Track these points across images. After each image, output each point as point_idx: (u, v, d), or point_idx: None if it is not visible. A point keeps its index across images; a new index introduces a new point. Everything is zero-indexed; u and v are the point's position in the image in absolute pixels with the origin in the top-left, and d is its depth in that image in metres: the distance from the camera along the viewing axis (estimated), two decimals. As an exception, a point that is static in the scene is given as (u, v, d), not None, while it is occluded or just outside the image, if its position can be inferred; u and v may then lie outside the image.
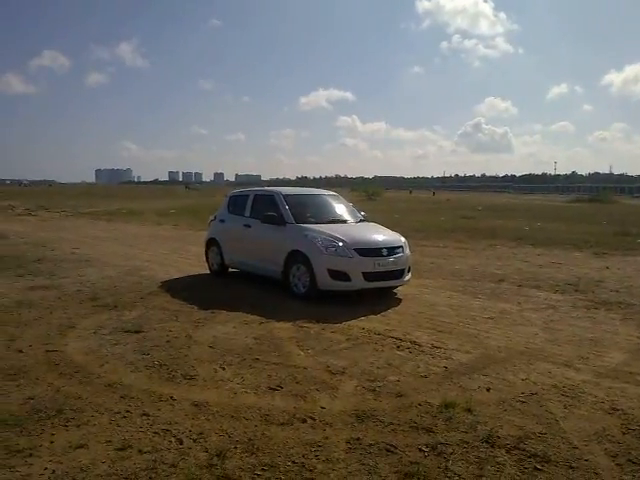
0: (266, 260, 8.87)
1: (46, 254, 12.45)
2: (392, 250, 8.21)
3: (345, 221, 9.33)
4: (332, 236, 8.06)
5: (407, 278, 8.55)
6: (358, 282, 7.84)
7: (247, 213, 9.66)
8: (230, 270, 10.18)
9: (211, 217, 10.91)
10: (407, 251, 8.57)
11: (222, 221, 10.35)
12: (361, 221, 9.54)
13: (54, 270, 10.25)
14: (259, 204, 9.57)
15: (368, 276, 7.87)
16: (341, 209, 9.80)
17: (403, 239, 8.76)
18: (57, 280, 9.29)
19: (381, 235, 8.64)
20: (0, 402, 4.17)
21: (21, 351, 5.42)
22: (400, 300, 8.15)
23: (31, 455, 3.37)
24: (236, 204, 10.27)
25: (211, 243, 10.40)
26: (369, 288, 8.04)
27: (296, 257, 8.18)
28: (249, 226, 9.41)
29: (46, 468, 3.21)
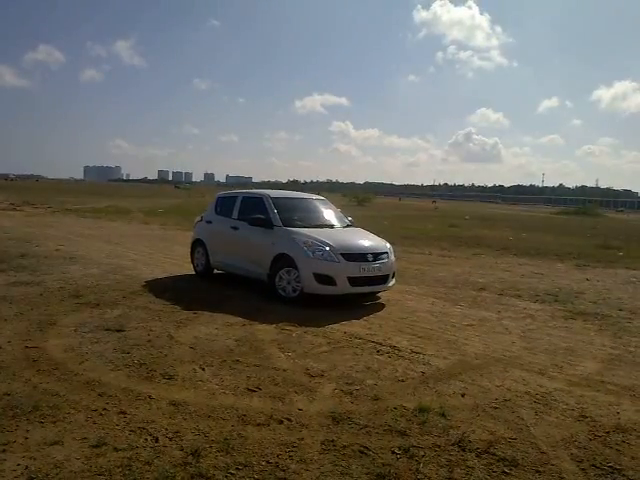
0: (252, 262, 8.90)
1: (30, 250, 12.35)
2: (377, 256, 8.31)
3: (332, 226, 9.40)
4: (319, 240, 8.12)
5: (391, 284, 8.65)
6: (343, 287, 7.92)
7: (235, 215, 9.67)
8: (215, 272, 10.19)
9: (198, 218, 10.92)
10: (392, 257, 8.65)
11: (209, 222, 10.35)
12: (348, 226, 9.62)
13: (37, 266, 10.19)
14: (247, 206, 9.59)
15: (353, 281, 7.97)
16: (329, 214, 9.87)
17: (388, 245, 8.85)
18: (40, 276, 9.24)
19: (367, 241, 8.73)
20: None
21: (0, 347, 5.41)
22: (383, 305, 8.23)
23: (4, 451, 3.37)
24: (224, 205, 10.28)
25: (197, 244, 10.40)
26: (354, 293, 8.15)
27: (283, 260, 8.23)
28: (236, 228, 9.44)
29: (19, 464, 3.22)
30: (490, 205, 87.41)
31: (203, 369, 5.02)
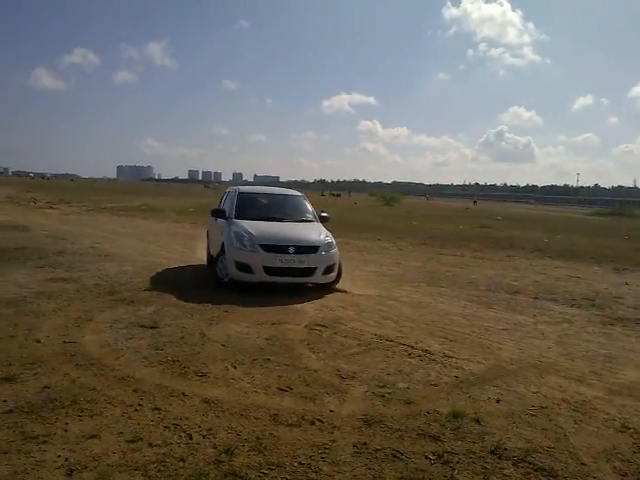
0: (216, 252, 9.41)
1: (66, 247, 12.60)
2: (302, 249, 8.59)
3: (283, 219, 9.77)
4: (246, 231, 8.73)
5: (325, 279, 8.84)
6: (259, 275, 8.41)
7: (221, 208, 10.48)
8: None
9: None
10: (329, 252, 8.82)
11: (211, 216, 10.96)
12: (308, 221, 9.97)
13: (74, 263, 10.39)
14: (227, 200, 10.57)
15: (269, 270, 8.39)
16: (292, 208, 10.41)
17: (328, 240, 9.00)
18: (76, 273, 9.41)
19: (302, 234, 9.00)
20: (18, 390, 4.27)
21: (39, 341, 5.52)
22: (414, 307, 8.15)
23: (45, 442, 3.46)
24: (221, 201, 11.18)
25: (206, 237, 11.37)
26: (273, 282, 8.53)
27: (222, 249, 8.96)
28: (216, 220, 10.25)
29: (59, 455, 3.29)
30: (523, 205, 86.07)
31: (235, 367, 5.05)
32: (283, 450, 3.53)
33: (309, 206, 10.57)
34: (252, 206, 10.04)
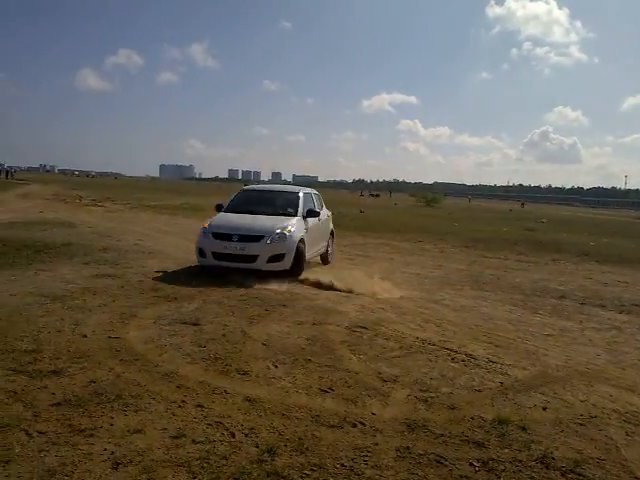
0: None
1: (111, 244, 12.87)
2: (245, 237, 9.40)
3: (269, 213, 10.46)
4: (213, 221, 10.05)
5: (270, 267, 9.38)
6: (210, 260, 9.49)
7: None
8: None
9: None
10: (278, 242, 9.41)
11: None
12: (285, 215, 10.38)
13: (118, 260, 10.60)
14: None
15: (216, 256, 9.41)
16: (280, 204, 10.97)
17: (278, 231, 9.51)
18: (121, 269, 9.59)
19: (253, 225, 9.78)
20: (66, 383, 4.36)
21: (85, 336, 5.64)
22: (456, 311, 8.02)
23: (92, 435, 3.52)
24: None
25: None
26: (218, 266, 9.47)
27: None
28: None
29: (105, 449, 3.34)
30: (568, 208, 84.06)
31: (276, 366, 5.05)
32: (325, 451, 3.50)
33: (301, 202, 10.86)
34: (245, 201, 11.27)
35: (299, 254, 9.69)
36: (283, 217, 10.22)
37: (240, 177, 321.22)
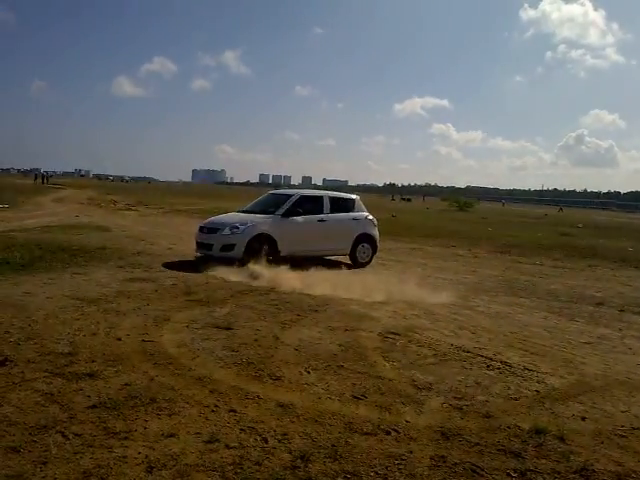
0: None
1: (145, 248, 13.05)
2: (209, 230, 11.46)
3: (264, 212, 12.07)
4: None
5: (222, 254, 10.85)
6: (196, 248, 11.73)
7: None
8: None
9: None
10: (229, 234, 10.99)
11: None
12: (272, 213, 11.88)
13: (152, 263, 10.70)
14: None
15: (197, 244, 11.66)
16: (275, 204, 12.26)
17: (235, 225, 11.12)
18: (154, 273, 9.70)
19: (224, 220, 11.70)
20: (101, 386, 4.41)
21: (119, 339, 5.69)
22: (491, 318, 7.89)
23: (126, 438, 3.54)
24: None
25: None
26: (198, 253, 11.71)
27: None
28: None
29: (140, 452, 3.37)
30: (604, 213, 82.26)
31: (309, 372, 5.03)
32: (359, 459, 3.46)
33: (287, 203, 11.97)
34: (258, 203, 13.05)
35: (252, 247, 10.86)
36: (263, 215, 11.82)
37: (270, 181, 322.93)
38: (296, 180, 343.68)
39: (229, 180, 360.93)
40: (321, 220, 12.12)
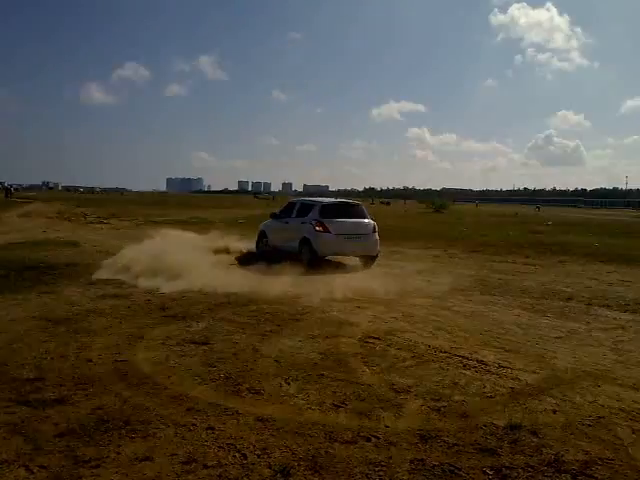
0: None
1: (118, 263, 12.72)
2: None
3: None
4: None
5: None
6: None
7: None
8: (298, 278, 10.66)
9: None
10: None
11: None
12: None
13: (124, 279, 10.34)
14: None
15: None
16: None
17: None
18: (127, 289, 9.48)
19: None
20: (70, 412, 4.25)
21: (90, 360, 5.54)
22: (467, 317, 7.98)
23: (98, 466, 3.42)
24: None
25: None
26: None
27: None
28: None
29: (112, 480, 3.26)
30: (572, 210, 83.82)
31: (288, 383, 5.00)
32: (339, 468, 3.46)
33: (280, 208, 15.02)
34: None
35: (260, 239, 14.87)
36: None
37: (250, 188, 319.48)
38: (276, 187, 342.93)
39: (206, 188, 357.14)
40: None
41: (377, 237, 13.10)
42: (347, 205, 14.37)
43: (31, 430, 3.93)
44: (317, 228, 12.52)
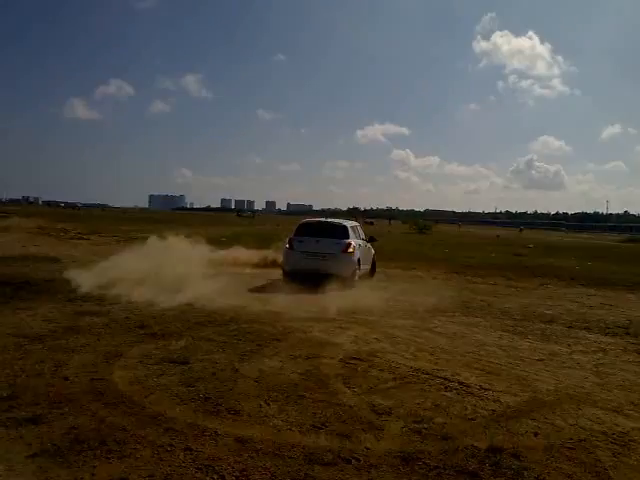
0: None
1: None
2: None
3: None
4: None
5: None
6: None
7: None
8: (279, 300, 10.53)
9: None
10: None
11: None
12: None
13: (104, 296, 10.23)
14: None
15: None
16: None
17: None
18: (106, 306, 9.33)
19: None
20: (43, 431, 4.15)
21: (67, 378, 5.43)
22: (449, 338, 7.96)
23: (71, 489, 3.32)
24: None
25: None
26: None
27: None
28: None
29: (86, 502, 3.17)
30: (554, 233, 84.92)
31: (268, 404, 4.93)
32: (319, 492, 3.40)
33: None
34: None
35: None
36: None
37: (233, 206, 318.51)
38: (259, 205, 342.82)
39: (189, 205, 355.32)
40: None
41: (352, 258, 13.06)
42: (326, 224, 14.47)
43: (3, 450, 3.82)
44: (286, 245, 13.49)
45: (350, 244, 13.11)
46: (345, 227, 13.93)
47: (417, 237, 47.09)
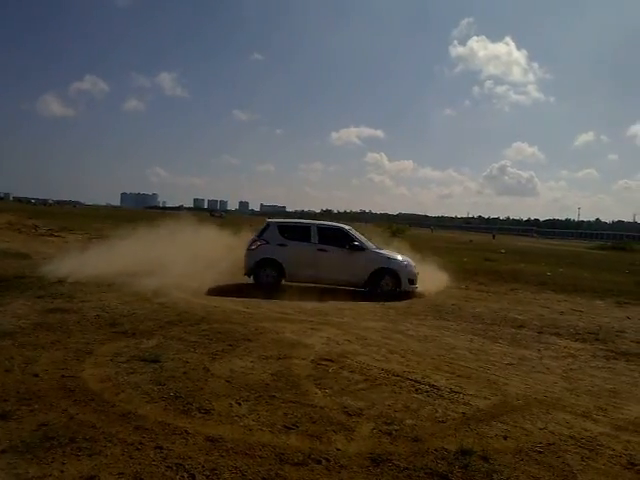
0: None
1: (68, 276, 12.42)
2: None
3: None
4: None
5: None
6: None
7: None
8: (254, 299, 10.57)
9: None
10: None
11: None
12: None
13: (75, 293, 10.21)
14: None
15: None
16: None
17: None
18: (77, 304, 9.25)
19: None
20: (12, 428, 4.13)
21: (37, 375, 5.39)
22: (420, 341, 8.04)
23: (39, 486, 3.29)
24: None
25: None
26: None
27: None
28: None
29: (54, 499, 3.15)
30: (525, 239, 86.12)
31: (239, 404, 4.94)
32: (289, 491, 3.42)
33: None
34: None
35: None
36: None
37: (206, 206, 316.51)
38: (233, 205, 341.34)
39: (161, 204, 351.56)
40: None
41: None
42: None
43: (-29, 447, 3.77)
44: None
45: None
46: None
47: (390, 241, 47.28)
